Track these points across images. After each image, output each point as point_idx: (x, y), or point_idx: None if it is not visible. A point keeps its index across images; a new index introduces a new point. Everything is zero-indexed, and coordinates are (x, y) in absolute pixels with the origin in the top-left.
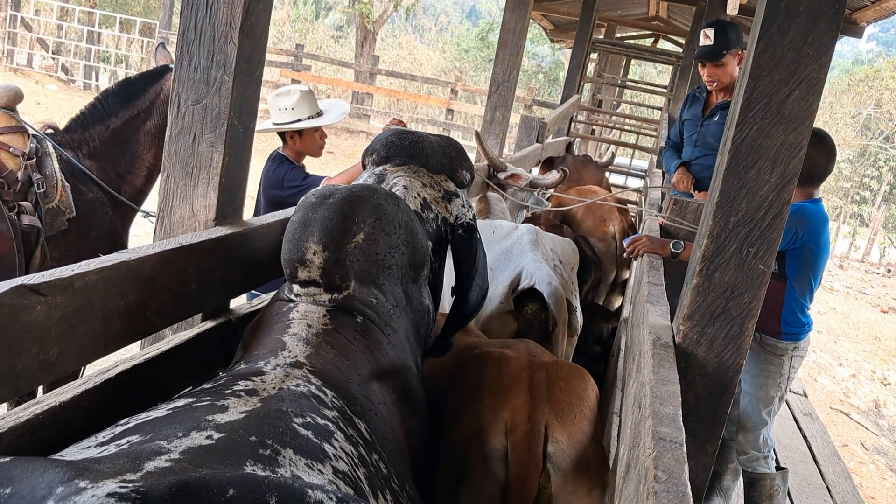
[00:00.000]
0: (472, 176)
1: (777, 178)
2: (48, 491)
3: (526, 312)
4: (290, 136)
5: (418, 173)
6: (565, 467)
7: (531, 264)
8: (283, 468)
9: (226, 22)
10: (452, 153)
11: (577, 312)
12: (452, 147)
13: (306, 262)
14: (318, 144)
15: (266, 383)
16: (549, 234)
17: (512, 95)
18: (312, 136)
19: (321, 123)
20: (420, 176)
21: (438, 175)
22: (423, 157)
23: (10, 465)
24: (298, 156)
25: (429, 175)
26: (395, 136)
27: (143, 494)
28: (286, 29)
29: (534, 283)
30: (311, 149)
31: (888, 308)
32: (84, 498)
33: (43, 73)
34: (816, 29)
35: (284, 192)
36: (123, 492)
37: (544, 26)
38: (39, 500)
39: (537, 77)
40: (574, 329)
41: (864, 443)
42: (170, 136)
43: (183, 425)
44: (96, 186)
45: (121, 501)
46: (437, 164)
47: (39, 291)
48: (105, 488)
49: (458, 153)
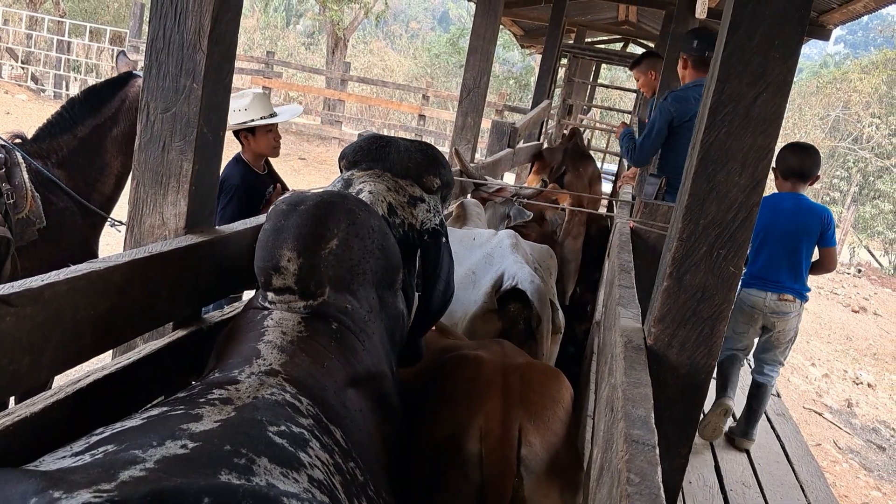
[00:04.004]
0: (443, 182)
1: (746, 180)
2: (22, 502)
3: (510, 311)
4: (245, 136)
5: (383, 177)
6: (538, 470)
7: (513, 265)
8: (259, 477)
9: (195, 30)
10: (419, 158)
11: (559, 312)
12: (421, 152)
13: (281, 269)
14: (272, 145)
15: (241, 392)
16: (527, 241)
17: (483, 101)
18: (266, 136)
19: (271, 122)
20: (385, 180)
21: (404, 180)
22: (388, 161)
23: None
24: (256, 157)
25: (393, 179)
26: (364, 141)
27: (117, 503)
28: (257, 36)
29: (517, 283)
30: (266, 148)
31: (859, 308)
32: None
33: (12, 82)
34: (783, 32)
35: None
36: (98, 501)
37: (514, 32)
38: None
39: (508, 83)
40: (558, 327)
41: (837, 442)
42: (139, 144)
43: (157, 434)
44: (66, 196)
45: None
46: (403, 169)
47: (9, 302)
48: (79, 498)
49: (427, 158)
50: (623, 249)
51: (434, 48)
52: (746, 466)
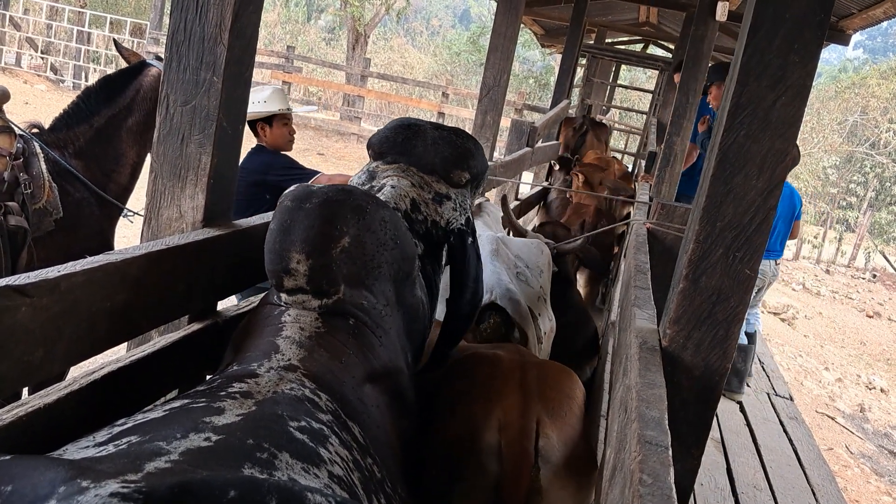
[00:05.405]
0: (472, 175)
1: (764, 183)
2: (50, 490)
3: (489, 325)
4: (262, 127)
5: (408, 172)
6: (555, 462)
7: (490, 277)
8: (280, 472)
9: (216, 23)
10: (447, 152)
11: (540, 320)
12: (450, 144)
13: (291, 270)
14: (288, 138)
15: (260, 386)
16: (515, 240)
17: (502, 99)
18: (282, 128)
19: (291, 111)
20: (409, 176)
21: (430, 175)
22: (414, 155)
23: (12, 462)
24: (271, 148)
25: (419, 175)
26: (391, 130)
27: (145, 494)
28: (277, 30)
29: (494, 298)
30: (281, 140)
31: (874, 313)
32: (87, 497)
33: (32, 72)
34: (803, 36)
35: (269, 177)
36: (126, 492)
37: (535, 31)
38: (42, 499)
39: (528, 82)
40: (538, 337)
41: (850, 447)
42: (158, 136)
43: (181, 426)
44: (83, 186)
45: (123, 501)
46: (429, 164)
47: (25, 293)
48: (108, 488)
49: (456, 151)
50: (639, 250)
51: (454, 46)
52: (758, 469)
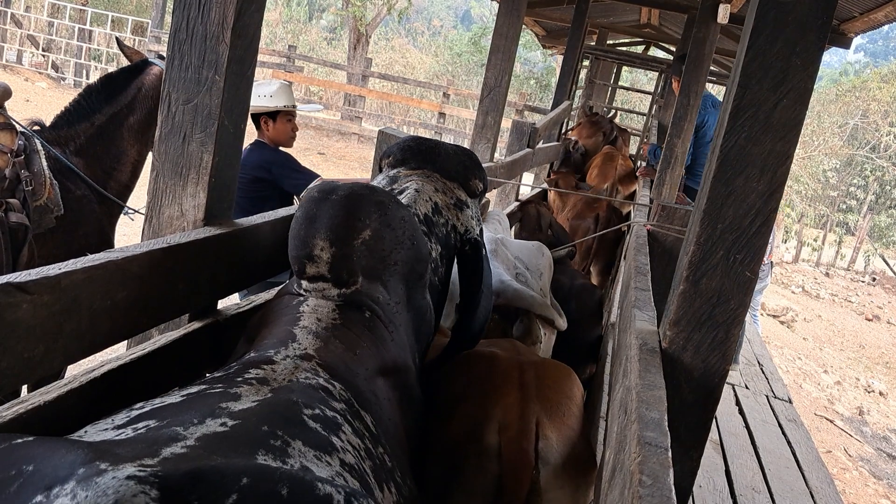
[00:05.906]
0: (484, 186)
1: (764, 185)
2: (70, 471)
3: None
4: (265, 121)
5: (431, 178)
6: (554, 462)
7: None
8: (293, 459)
9: (218, 22)
10: (467, 161)
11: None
12: (467, 156)
13: (314, 257)
14: (290, 134)
15: (276, 373)
16: (515, 241)
17: (504, 100)
18: (286, 124)
19: (297, 108)
20: (433, 181)
21: (452, 182)
22: (437, 162)
23: (34, 444)
24: (272, 143)
25: (442, 181)
26: (412, 140)
27: (160, 479)
28: (279, 30)
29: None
30: (283, 136)
31: (873, 316)
32: (105, 479)
33: (33, 70)
34: (804, 39)
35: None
36: (142, 475)
37: (537, 32)
38: (61, 480)
39: (529, 83)
40: (534, 338)
41: (848, 449)
42: (160, 135)
43: (198, 412)
44: (84, 184)
45: (140, 485)
46: (452, 171)
47: (26, 290)
48: (125, 471)
49: (473, 162)
50: (639, 252)
51: (456, 46)
52: (757, 471)
